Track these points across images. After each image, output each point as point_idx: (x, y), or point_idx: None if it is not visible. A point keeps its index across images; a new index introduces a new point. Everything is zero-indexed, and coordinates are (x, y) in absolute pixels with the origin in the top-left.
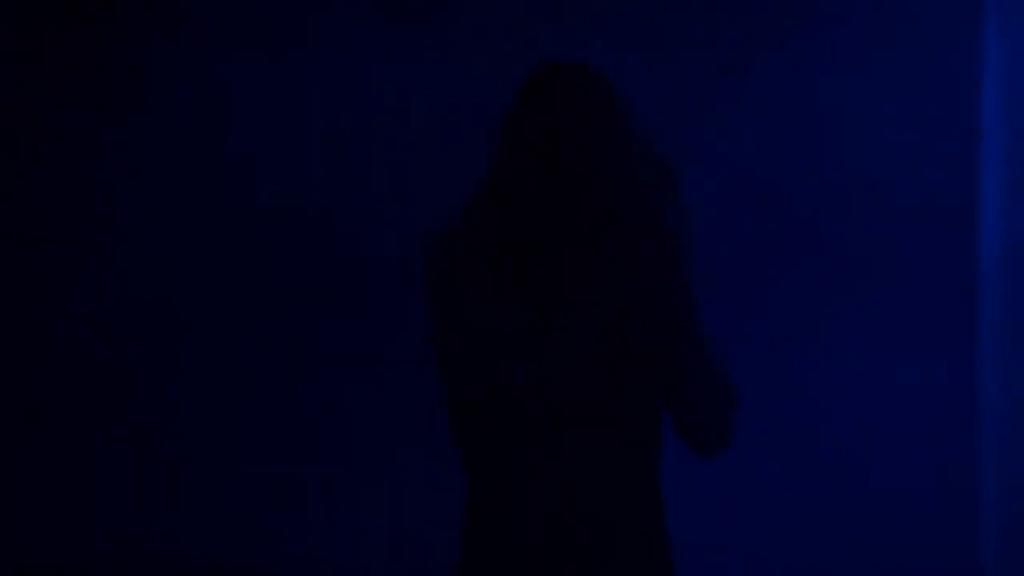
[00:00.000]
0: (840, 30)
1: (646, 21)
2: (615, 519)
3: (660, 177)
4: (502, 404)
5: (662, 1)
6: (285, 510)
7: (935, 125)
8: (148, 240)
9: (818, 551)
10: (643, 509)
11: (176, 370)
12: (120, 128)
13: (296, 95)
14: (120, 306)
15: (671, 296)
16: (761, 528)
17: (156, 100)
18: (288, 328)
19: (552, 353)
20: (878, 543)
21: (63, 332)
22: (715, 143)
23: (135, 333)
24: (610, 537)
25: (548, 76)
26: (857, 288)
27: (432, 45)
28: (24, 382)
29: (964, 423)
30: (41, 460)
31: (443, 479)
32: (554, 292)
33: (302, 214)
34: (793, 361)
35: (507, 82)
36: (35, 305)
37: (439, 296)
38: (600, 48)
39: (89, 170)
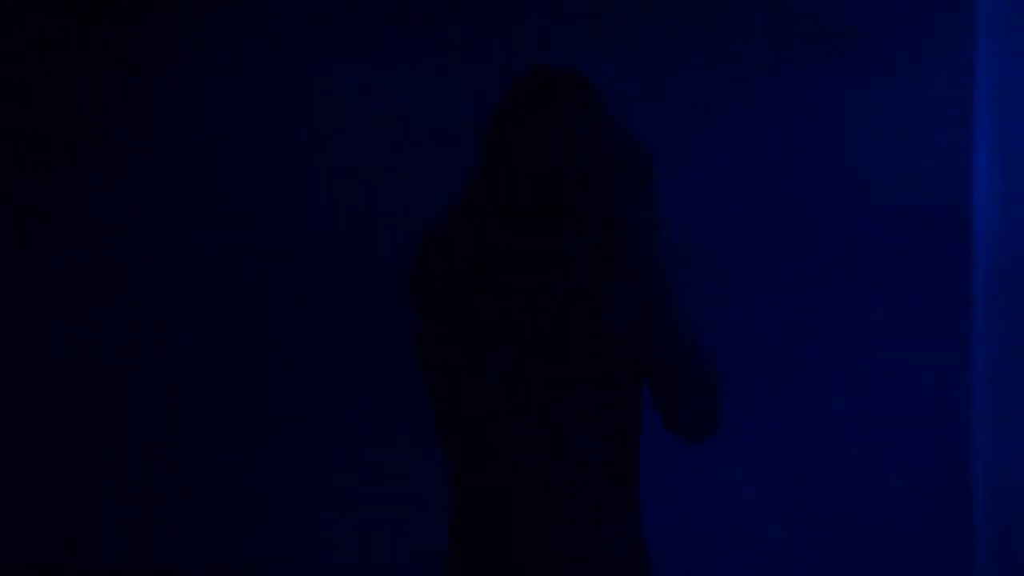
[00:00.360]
0: (835, 36)
1: (643, 25)
2: (592, 514)
3: (635, 173)
4: (479, 403)
5: (659, 5)
6: (282, 512)
7: (930, 128)
8: (143, 241)
9: (810, 550)
10: (620, 505)
11: (173, 374)
12: (112, 130)
13: (291, 98)
14: (118, 306)
15: (647, 290)
16: (753, 527)
17: (147, 104)
18: (283, 331)
19: (528, 353)
20: (871, 544)
21: (60, 335)
22: (711, 146)
23: (132, 334)
24: (586, 532)
25: (526, 83)
26: (852, 289)
27: (428, 48)
28: (22, 384)
29: (959, 423)
30: (37, 463)
31: (438, 481)
32: (530, 293)
33: (296, 217)
34: (788, 361)
35: (504, 87)
36: (33, 307)
37: (419, 297)
38: (596, 51)
39: (86, 171)
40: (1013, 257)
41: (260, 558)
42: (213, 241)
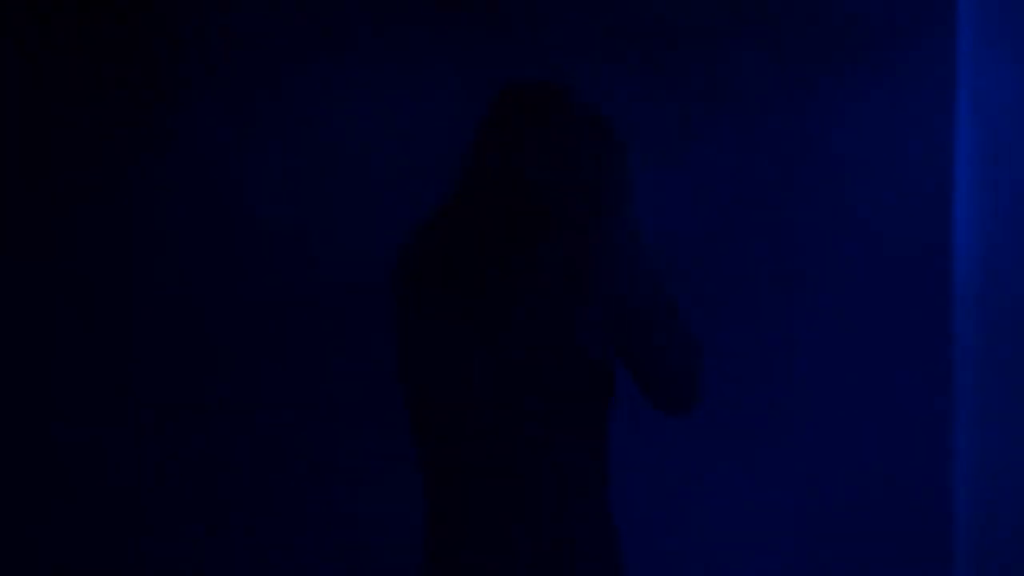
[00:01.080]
0: (819, 50)
1: (632, 38)
2: (565, 516)
3: (611, 180)
4: (452, 410)
5: (646, 22)
6: (274, 513)
7: (912, 138)
8: (141, 242)
9: (789, 553)
10: (593, 507)
11: (172, 377)
12: (111, 131)
13: (290, 100)
14: (116, 308)
15: (620, 301)
16: (733, 530)
17: (146, 104)
18: (281, 335)
19: (502, 361)
20: (853, 548)
21: (62, 338)
22: (696, 155)
23: (126, 337)
24: (559, 534)
25: (506, 96)
26: (836, 297)
27: (421, 52)
28: (18, 388)
29: (940, 431)
30: (35, 463)
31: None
32: (504, 303)
33: (291, 222)
34: (772, 365)
35: (498, 92)
36: (33, 309)
37: (399, 305)
38: (586, 53)
39: (85, 171)
40: (994, 258)
41: (250, 566)
42: (211, 243)
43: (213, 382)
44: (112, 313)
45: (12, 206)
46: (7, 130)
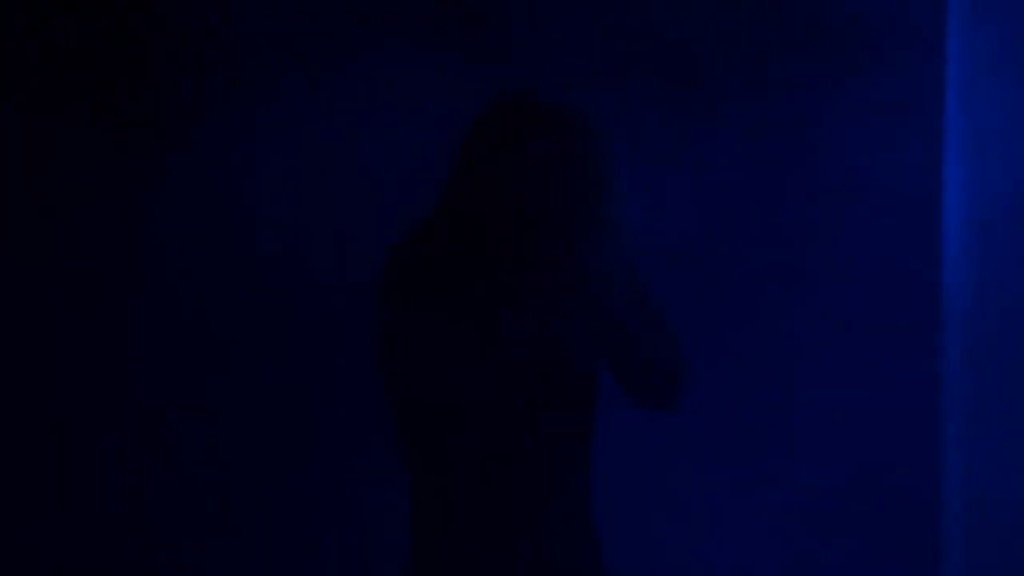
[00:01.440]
0: (809, 51)
1: (632, 38)
2: (546, 520)
3: (597, 190)
4: (436, 414)
5: (646, 22)
6: (268, 517)
7: (900, 138)
8: (132, 245)
9: (776, 560)
10: (574, 511)
11: (171, 381)
12: (106, 133)
13: (285, 103)
14: (115, 308)
15: (606, 313)
16: (720, 535)
17: (147, 105)
18: (274, 339)
19: (486, 367)
20: (846, 549)
21: (63, 339)
22: (695, 155)
23: (126, 337)
24: (541, 538)
25: (499, 108)
26: (829, 293)
27: (422, 52)
28: (19, 388)
29: (929, 428)
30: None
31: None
32: (494, 306)
33: (291, 222)
34: (766, 365)
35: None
36: (34, 311)
37: (388, 310)
38: (583, 62)
39: (84, 171)
40: (985, 259)
41: (250, 566)
42: (211, 243)
43: (213, 382)
44: (112, 313)
45: (12, 206)
46: (7, 130)
